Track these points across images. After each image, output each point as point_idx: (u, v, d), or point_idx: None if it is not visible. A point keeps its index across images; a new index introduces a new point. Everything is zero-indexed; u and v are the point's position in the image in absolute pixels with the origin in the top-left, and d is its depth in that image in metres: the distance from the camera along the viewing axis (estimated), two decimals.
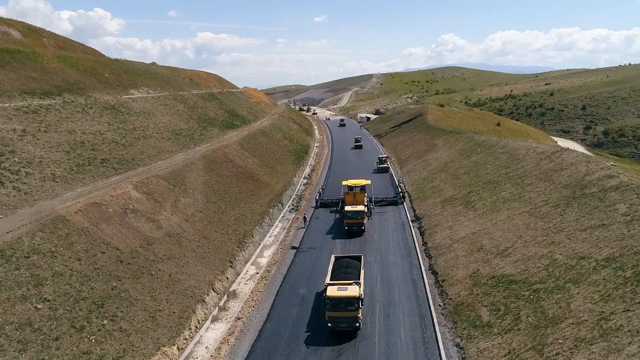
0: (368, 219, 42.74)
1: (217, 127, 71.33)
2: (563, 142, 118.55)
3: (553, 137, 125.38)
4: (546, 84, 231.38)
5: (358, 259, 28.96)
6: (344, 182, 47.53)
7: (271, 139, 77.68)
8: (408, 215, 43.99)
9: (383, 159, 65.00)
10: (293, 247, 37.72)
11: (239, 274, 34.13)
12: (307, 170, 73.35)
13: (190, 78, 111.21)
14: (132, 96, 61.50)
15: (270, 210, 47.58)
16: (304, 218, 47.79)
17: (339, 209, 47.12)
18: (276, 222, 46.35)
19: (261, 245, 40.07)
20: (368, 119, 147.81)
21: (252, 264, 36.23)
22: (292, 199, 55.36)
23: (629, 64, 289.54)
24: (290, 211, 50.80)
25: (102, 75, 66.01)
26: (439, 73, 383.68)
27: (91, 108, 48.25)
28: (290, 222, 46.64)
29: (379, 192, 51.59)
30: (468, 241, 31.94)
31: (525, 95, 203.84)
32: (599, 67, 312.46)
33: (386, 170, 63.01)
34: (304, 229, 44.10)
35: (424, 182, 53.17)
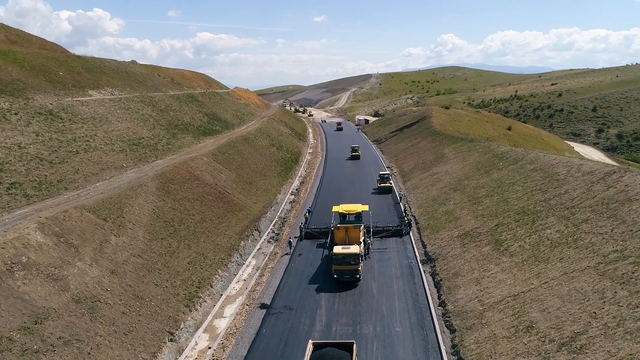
0: (365, 258, 32.98)
1: (190, 134, 61.46)
2: (579, 148, 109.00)
3: (568, 142, 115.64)
4: (552, 84, 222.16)
5: (348, 348, 19.10)
6: (334, 208, 37.68)
7: (255, 147, 67.81)
8: (417, 253, 34.13)
9: (385, 176, 54.39)
10: (263, 306, 27.81)
11: (183, 349, 24.26)
12: (296, 183, 63.50)
13: (172, 77, 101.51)
14: (84, 98, 51.61)
15: (242, 244, 37.67)
16: (289, 242, 38.54)
17: (327, 241, 37.25)
18: (248, 259, 36.48)
19: (223, 296, 30.18)
20: (367, 121, 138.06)
21: (205, 330, 26.36)
22: (273, 223, 45.51)
23: (636, 63, 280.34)
24: (269, 241, 40.96)
25: (54, 74, 56.21)
26: (440, 73, 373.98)
27: (16, 114, 38.36)
28: (266, 258, 36.77)
29: (380, 218, 41.75)
30: (509, 310, 22.08)
31: (531, 96, 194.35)
32: (605, 67, 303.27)
33: (389, 190, 52.75)
34: (288, 255, 36.39)
35: (433, 204, 43.32)
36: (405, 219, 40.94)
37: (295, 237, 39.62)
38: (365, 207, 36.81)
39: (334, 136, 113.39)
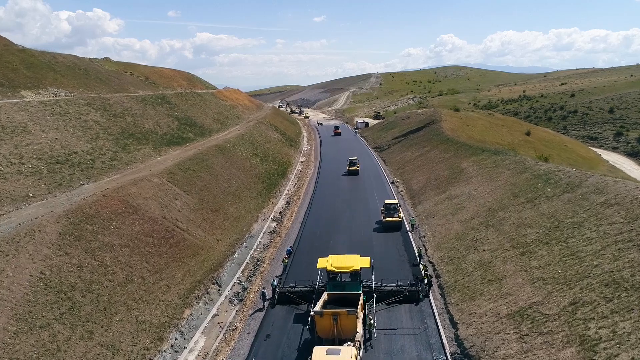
0: (365, 350, 21.34)
1: (150, 145, 49.86)
2: (606, 155, 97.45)
3: (593, 148, 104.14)
4: (562, 84, 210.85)
5: None
6: (321, 262, 25.94)
7: (232, 159, 56.12)
8: (444, 340, 22.45)
9: (392, 206, 39.90)
10: None
11: None
12: (281, 204, 51.89)
13: (147, 76, 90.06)
14: (6, 101, 39.99)
15: (187, 313, 26.00)
16: (263, 294, 28.00)
17: (311, 308, 25.48)
18: (194, 339, 24.76)
19: None
20: (366, 124, 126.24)
21: None
22: (242, 269, 33.88)
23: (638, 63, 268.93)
24: (231, 300, 29.31)
25: None
26: (441, 72, 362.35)
27: None
28: (220, 336, 25.10)
29: (385, 269, 30.14)
30: None
31: (542, 96, 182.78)
32: (615, 67, 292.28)
33: (397, 226, 39.73)
34: (262, 311, 26.43)
35: (458, 247, 31.68)
36: (422, 270, 29.32)
37: (266, 300, 27.95)
38: (366, 261, 25.14)
39: (330, 142, 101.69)
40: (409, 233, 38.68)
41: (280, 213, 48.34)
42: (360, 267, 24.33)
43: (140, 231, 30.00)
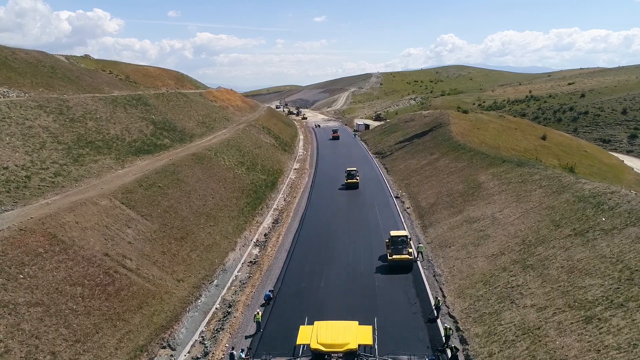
0: None
1: (112, 154, 42.37)
2: (630, 161, 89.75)
3: (613, 154, 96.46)
4: (569, 84, 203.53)
5: None
6: (302, 333, 18.51)
7: (211, 169, 48.57)
8: None
9: (400, 239, 31.36)
10: None
11: None
12: (268, 221, 44.43)
13: (128, 75, 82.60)
14: None
15: None
16: (231, 355, 20.70)
17: None
18: None
19: None
20: (367, 126, 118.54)
21: None
22: (208, 319, 26.37)
23: None
24: None
25: None
26: (443, 72, 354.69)
27: None
28: None
29: (390, 328, 22.64)
30: None
31: (550, 96, 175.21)
32: (623, 66, 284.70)
33: (408, 266, 30.66)
34: None
35: (488, 295, 24.11)
36: (443, 334, 21.79)
37: (242, 350, 20.47)
38: (366, 334, 17.68)
39: (328, 146, 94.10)
40: (418, 263, 31.27)
41: (265, 235, 40.84)
42: (358, 346, 16.82)
43: (64, 279, 22.44)
